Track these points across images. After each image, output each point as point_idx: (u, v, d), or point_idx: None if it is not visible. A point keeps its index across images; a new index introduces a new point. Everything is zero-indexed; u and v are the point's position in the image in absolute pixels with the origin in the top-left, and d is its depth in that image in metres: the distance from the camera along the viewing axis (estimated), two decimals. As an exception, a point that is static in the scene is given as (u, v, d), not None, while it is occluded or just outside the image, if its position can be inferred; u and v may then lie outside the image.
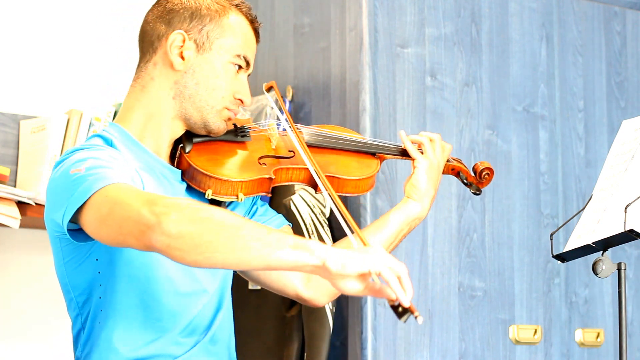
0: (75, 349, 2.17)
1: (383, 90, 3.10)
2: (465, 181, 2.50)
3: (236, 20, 2.22)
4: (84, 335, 2.15)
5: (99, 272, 2.11)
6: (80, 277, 2.12)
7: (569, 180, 3.38)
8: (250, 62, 2.24)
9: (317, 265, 1.77)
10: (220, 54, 2.19)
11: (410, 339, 3.06)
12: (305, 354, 3.02)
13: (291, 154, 2.30)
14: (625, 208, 2.25)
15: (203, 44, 2.19)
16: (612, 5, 3.52)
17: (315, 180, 2.26)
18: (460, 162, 2.50)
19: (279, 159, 2.28)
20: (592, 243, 2.32)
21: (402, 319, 1.76)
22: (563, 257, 2.41)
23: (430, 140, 2.41)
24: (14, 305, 3.26)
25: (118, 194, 1.93)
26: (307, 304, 2.35)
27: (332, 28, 3.21)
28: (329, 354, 3.01)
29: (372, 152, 2.42)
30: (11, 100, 3.29)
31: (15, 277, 3.27)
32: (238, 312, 3.11)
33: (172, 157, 2.24)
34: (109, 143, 2.15)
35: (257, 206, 2.36)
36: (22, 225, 3.01)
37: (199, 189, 2.20)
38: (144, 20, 2.25)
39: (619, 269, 2.34)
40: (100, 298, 2.12)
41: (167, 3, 2.22)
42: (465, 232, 3.18)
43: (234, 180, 2.19)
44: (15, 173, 3.15)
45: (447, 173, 2.49)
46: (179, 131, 2.23)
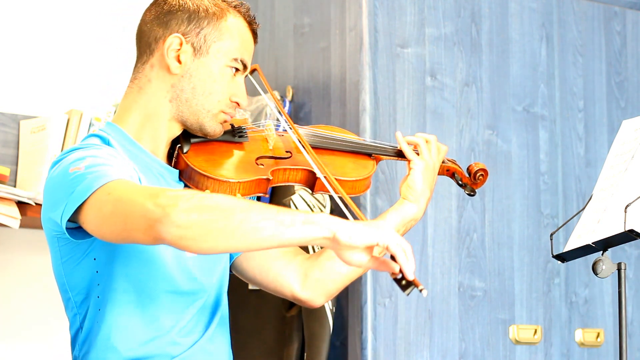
0: (73, 348, 2.17)
1: (383, 91, 3.10)
2: (460, 182, 2.49)
3: (234, 22, 2.21)
4: (81, 335, 2.14)
5: (97, 272, 2.10)
6: (78, 277, 2.11)
7: (569, 180, 3.38)
8: (248, 64, 2.22)
9: (327, 237, 1.80)
10: (217, 58, 2.18)
11: (410, 339, 3.06)
12: (305, 354, 3.01)
13: (288, 155, 2.30)
14: (625, 208, 2.24)
15: (200, 47, 2.17)
16: (612, 5, 3.52)
17: (313, 181, 2.26)
18: (455, 163, 2.50)
19: (276, 160, 2.27)
20: (592, 243, 2.31)
21: (406, 292, 1.81)
22: (563, 257, 2.41)
23: (426, 142, 2.40)
24: (13, 305, 3.26)
25: (120, 190, 1.92)
26: (303, 304, 2.35)
27: (332, 28, 3.21)
28: (329, 354, 3.01)
29: (368, 153, 2.42)
30: (11, 100, 3.29)
31: (15, 277, 3.27)
32: (238, 312, 3.11)
33: (169, 157, 2.24)
34: (106, 142, 2.14)
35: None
36: (22, 225, 3.01)
37: (196, 189, 2.19)
38: (142, 19, 2.23)
39: (619, 269, 2.34)
40: (98, 297, 2.11)
41: (164, 4, 2.20)
42: (465, 232, 3.18)
43: (231, 181, 2.19)
44: (15, 173, 3.15)
45: (442, 174, 2.48)
46: (176, 132, 2.22)
